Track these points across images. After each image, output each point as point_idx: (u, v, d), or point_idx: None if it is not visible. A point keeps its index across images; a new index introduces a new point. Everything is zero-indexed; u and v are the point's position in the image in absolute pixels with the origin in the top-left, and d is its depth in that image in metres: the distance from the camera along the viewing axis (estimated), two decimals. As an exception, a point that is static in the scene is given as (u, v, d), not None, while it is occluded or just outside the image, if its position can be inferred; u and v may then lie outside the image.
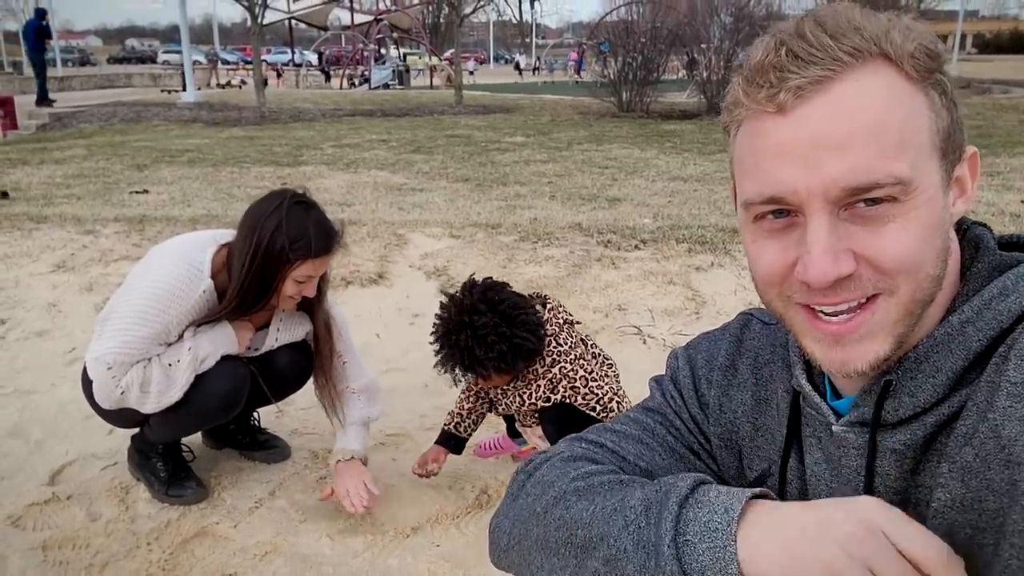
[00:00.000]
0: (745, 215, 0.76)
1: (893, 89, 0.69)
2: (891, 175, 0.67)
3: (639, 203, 6.32)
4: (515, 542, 0.90)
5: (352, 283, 4.09)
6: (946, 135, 0.72)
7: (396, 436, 2.84)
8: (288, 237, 2.11)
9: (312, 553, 2.20)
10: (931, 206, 0.70)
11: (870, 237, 0.69)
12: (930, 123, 0.70)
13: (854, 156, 0.67)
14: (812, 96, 0.68)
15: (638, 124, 13.66)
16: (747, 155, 0.74)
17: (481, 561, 2.14)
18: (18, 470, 2.60)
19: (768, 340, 0.98)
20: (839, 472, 0.83)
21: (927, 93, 0.71)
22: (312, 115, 15.69)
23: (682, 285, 3.95)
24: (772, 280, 0.75)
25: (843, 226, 0.69)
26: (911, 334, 0.74)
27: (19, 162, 9.30)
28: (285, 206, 2.14)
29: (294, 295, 2.22)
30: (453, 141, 11.27)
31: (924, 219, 0.69)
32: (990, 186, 6.73)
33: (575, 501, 0.84)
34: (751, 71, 0.71)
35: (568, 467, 0.91)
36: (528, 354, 2.17)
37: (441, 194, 6.90)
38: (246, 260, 2.12)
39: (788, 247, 0.73)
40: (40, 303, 4.00)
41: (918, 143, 0.69)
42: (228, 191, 7.12)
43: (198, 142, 11.38)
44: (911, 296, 0.71)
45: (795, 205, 0.70)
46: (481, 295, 2.14)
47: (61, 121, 14.62)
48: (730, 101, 0.76)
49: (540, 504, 0.88)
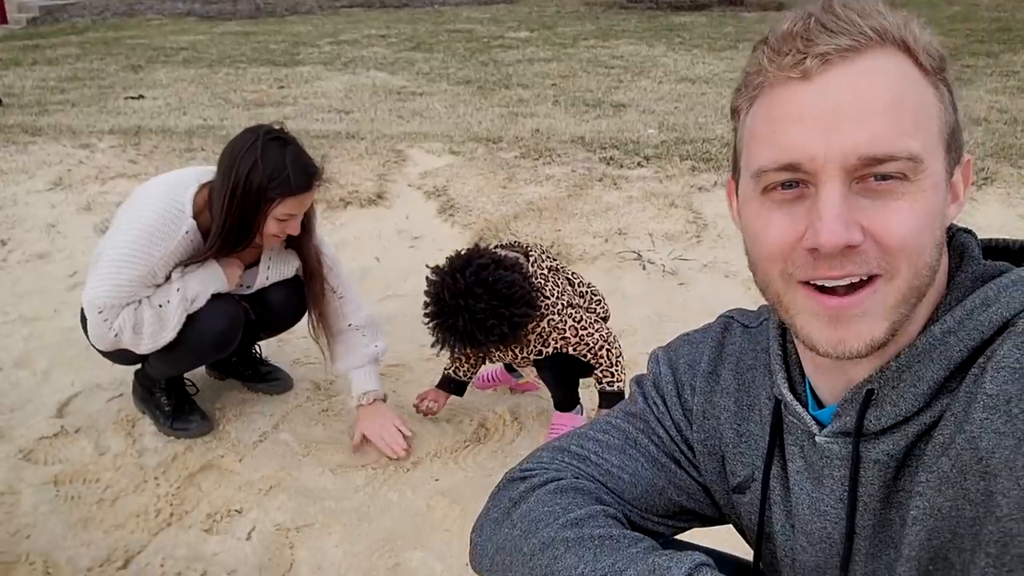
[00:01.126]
0: (753, 187, 0.76)
1: (909, 74, 0.71)
2: (906, 149, 0.69)
3: (644, 110, 6.17)
4: (497, 568, 0.92)
5: (351, 203, 4.06)
6: (951, 132, 0.74)
7: (396, 367, 2.88)
8: (265, 175, 2.09)
9: (315, 487, 2.28)
10: (936, 193, 0.71)
11: (878, 212, 0.70)
12: (940, 113, 0.73)
13: (874, 127, 0.68)
14: (837, 64, 0.70)
15: (647, 17, 13.17)
16: (763, 124, 0.74)
17: (477, 496, 2.20)
18: (27, 401, 2.66)
19: (750, 345, 0.97)
20: (821, 482, 0.84)
21: (937, 87, 0.73)
22: (309, 7, 15.15)
23: (684, 207, 3.90)
24: (777, 254, 0.74)
25: (854, 199, 0.70)
26: (901, 330, 0.74)
27: (11, 63, 9.09)
28: (260, 143, 2.11)
29: (277, 233, 2.20)
30: (454, 37, 10.92)
31: (929, 204, 0.71)
32: (1005, 89, 6.47)
33: (563, 552, 0.85)
34: (778, 40, 0.73)
35: (557, 505, 0.92)
36: (526, 325, 2.18)
37: (441, 99, 6.74)
38: (225, 200, 2.11)
39: (797, 218, 0.73)
40: (39, 223, 4.00)
41: (929, 128, 0.71)
42: (224, 95, 6.97)
43: (192, 39, 11.06)
44: (909, 282, 0.71)
45: (810, 173, 0.71)
46: (475, 277, 2.10)
47: (52, 15, 14.17)
48: (750, 72, 0.76)
49: (527, 544, 0.89)
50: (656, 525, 1.00)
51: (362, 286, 3.40)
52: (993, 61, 7.81)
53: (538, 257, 2.33)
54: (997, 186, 4.06)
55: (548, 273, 2.30)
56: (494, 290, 2.09)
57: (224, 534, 2.10)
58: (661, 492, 0.99)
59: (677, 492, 0.99)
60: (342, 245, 3.66)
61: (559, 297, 2.27)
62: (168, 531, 2.11)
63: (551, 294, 2.26)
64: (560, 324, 2.24)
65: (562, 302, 2.27)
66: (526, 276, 2.19)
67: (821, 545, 0.85)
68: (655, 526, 1.00)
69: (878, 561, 0.80)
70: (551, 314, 2.24)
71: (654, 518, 0.99)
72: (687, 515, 1.02)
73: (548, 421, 2.49)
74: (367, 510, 2.19)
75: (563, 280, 2.35)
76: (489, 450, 2.43)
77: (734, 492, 0.96)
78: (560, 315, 2.25)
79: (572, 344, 2.25)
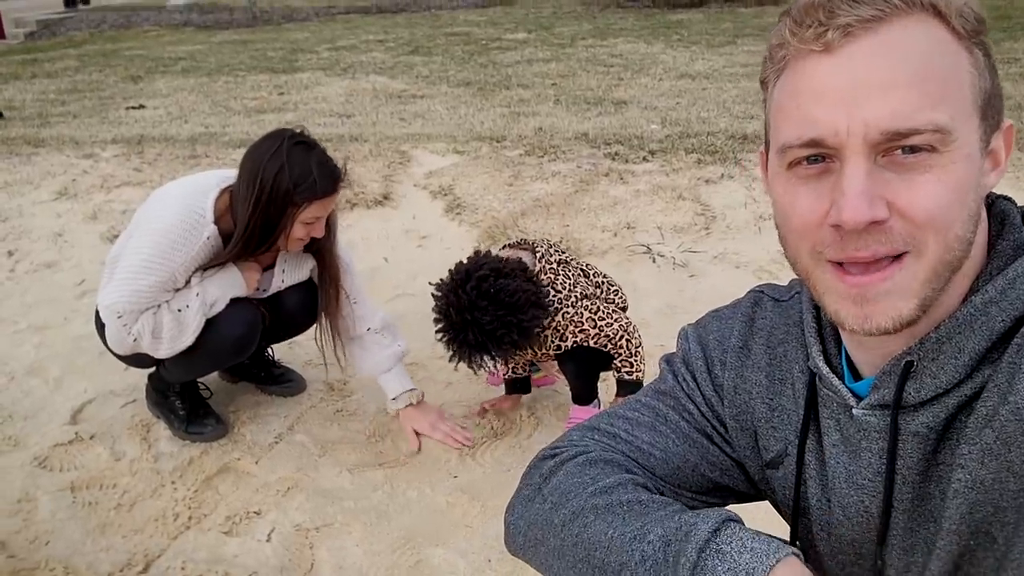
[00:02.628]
0: (779, 162, 0.75)
1: (940, 41, 0.69)
2: (931, 122, 0.66)
3: (646, 106, 6.16)
4: (531, 544, 0.91)
5: (357, 205, 4.05)
6: (987, 98, 0.71)
7: (410, 365, 2.85)
8: (292, 180, 2.08)
9: (333, 488, 2.26)
10: (968, 164, 0.69)
11: (904, 186, 0.68)
12: (973, 80, 0.70)
13: (896, 99, 0.66)
14: (860, 36, 0.68)
15: (644, 15, 13.18)
16: (788, 99, 0.73)
17: (497, 492, 2.19)
18: (40, 409, 2.65)
19: (781, 319, 0.96)
20: (858, 455, 0.83)
21: (972, 52, 0.71)
22: (305, 14, 15.18)
23: (691, 199, 3.89)
24: (805, 231, 0.73)
25: (879, 172, 0.68)
26: (937, 302, 0.73)
27: (10, 76, 9.10)
28: (285, 148, 2.09)
29: (303, 237, 2.21)
30: (452, 40, 10.92)
31: (960, 176, 0.68)
32: (1007, 76, 6.48)
33: (593, 520, 0.84)
34: (799, 11, 0.71)
35: (586, 476, 0.91)
36: (539, 325, 2.17)
37: (442, 101, 6.74)
38: (250, 206, 2.09)
39: (823, 194, 0.71)
40: (46, 233, 3.99)
41: (960, 97, 0.69)
42: (224, 103, 6.97)
43: (190, 48, 11.07)
44: (939, 257, 0.69)
45: (834, 148, 0.69)
46: (477, 291, 2.09)
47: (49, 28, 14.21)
48: (774, 44, 0.75)
49: (557, 516, 0.88)
50: (690, 501, 0.99)
51: (371, 286, 3.39)
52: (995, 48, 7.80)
53: (545, 252, 2.31)
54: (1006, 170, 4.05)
55: (558, 267, 2.29)
56: (498, 300, 2.08)
57: (244, 536, 2.09)
58: (694, 468, 0.97)
59: (710, 468, 0.98)
60: (350, 246, 3.63)
61: (571, 290, 2.25)
62: (187, 534, 2.10)
63: (563, 287, 2.24)
64: (576, 317, 2.23)
65: (575, 294, 2.25)
66: (530, 277, 2.17)
67: (858, 519, 0.84)
68: (689, 502, 0.99)
69: (916, 535, 0.79)
70: (565, 307, 2.22)
71: (688, 494, 0.98)
72: (721, 491, 1.01)
73: (566, 415, 2.48)
74: (386, 508, 2.17)
75: (575, 272, 2.33)
76: (507, 445, 2.42)
77: (767, 467, 0.95)
78: (575, 307, 2.23)
79: (592, 336, 2.23)
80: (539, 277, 2.22)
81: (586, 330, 2.23)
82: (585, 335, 2.24)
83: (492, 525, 2.08)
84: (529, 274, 2.18)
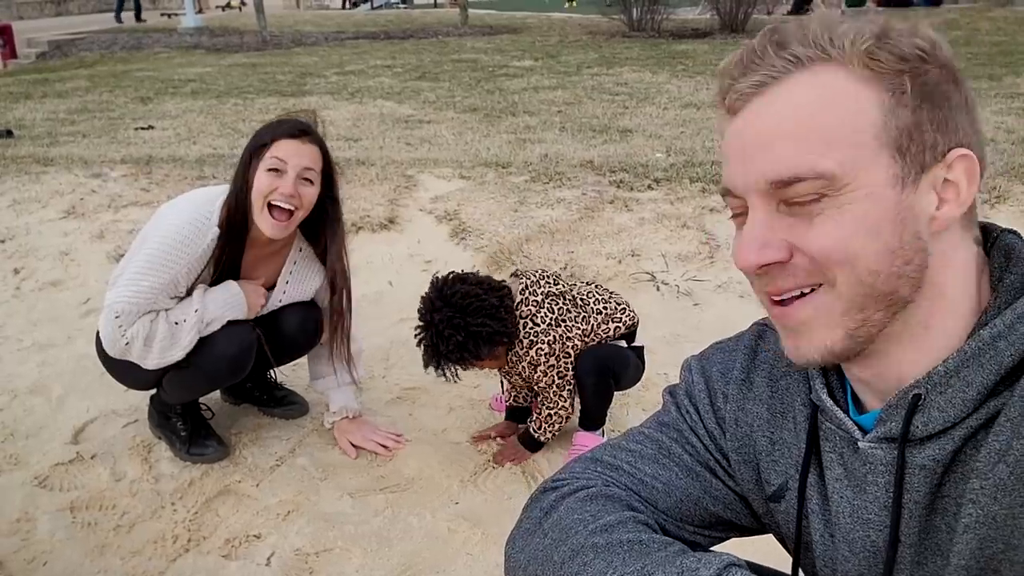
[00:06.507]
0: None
1: (830, 89, 0.72)
2: (813, 170, 0.71)
3: (651, 135, 6.19)
4: None
5: (363, 228, 4.06)
6: (905, 133, 0.72)
7: (413, 390, 2.86)
8: (261, 129, 2.21)
9: (333, 512, 2.25)
10: (873, 201, 0.71)
11: (801, 228, 0.73)
12: (881, 119, 0.71)
13: (776, 152, 0.73)
14: (752, 98, 0.75)
15: (649, 44, 13.28)
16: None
17: (498, 519, 2.18)
18: (41, 428, 2.65)
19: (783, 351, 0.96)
20: (863, 489, 0.82)
21: (881, 91, 0.72)
22: (314, 39, 15.33)
23: (696, 228, 3.91)
24: (745, 272, 0.79)
25: (780, 218, 0.74)
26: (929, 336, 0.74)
27: (21, 96, 9.18)
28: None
29: (268, 189, 2.13)
30: (459, 66, 11.01)
31: (860, 213, 0.71)
32: (1010, 110, 6.52)
33: (593, 559, 0.84)
34: (719, 74, 0.79)
35: (587, 512, 0.91)
36: (490, 337, 2.19)
37: (449, 126, 6.78)
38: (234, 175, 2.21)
39: None
40: (52, 251, 4.01)
41: (855, 141, 0.71)
42: (233, 125, 7.02)
43: (200, 71, 11.17)
44: (854, 290, 0.73)
45: (742, 199, 0.77)
46: (436, 292, 2.21)
47: (61, 49, 14.36)
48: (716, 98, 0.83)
49: (557, 553, 0.88)
50: (693, 535, 0.98)
51: (376, 310, 3.41)
52: (996, 83, 7.85)
53: (531, 284, 2.31)
54: (1010, 204, 4.06)
55: (543, 300, 2.29)
56: (451, 302, 2.17)
57: (243, 559, 2.07)
58: (696, 502, 0.97)
59: (713, 502, 0.98)
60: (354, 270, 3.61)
61: (551, 326, 2.27)
62: (186, 557, 2.08)
63: (542, 321, 2.27)
64: (547, 352, 2.28)
65: (556, 332, 2.27)
66: (501, 295, 2.23)
67: (864, 554, 0.83)
68: (692, 536, 0.98)
69: (923, 569, 0.79)
70: (540, 342, 2.26)
71: (690, 528, 0.98)
72: (724, 525, 1.00)
73: (569, 443, 2.47)
74: (387, 534, 2.16)
75: (562, 306, 2.32)
76: (508, 472, 2.40)
77: (770, 500, 0.95)
78: (550, 344, 2.27)
79: (543, 368, 2.29)
80: (519, 307, 2.26)
81: (553, 364, 2.29)
82: (552, 370, 2.30)
83: (492, 554, 2.06)
84: (501, 292, 2.24)
